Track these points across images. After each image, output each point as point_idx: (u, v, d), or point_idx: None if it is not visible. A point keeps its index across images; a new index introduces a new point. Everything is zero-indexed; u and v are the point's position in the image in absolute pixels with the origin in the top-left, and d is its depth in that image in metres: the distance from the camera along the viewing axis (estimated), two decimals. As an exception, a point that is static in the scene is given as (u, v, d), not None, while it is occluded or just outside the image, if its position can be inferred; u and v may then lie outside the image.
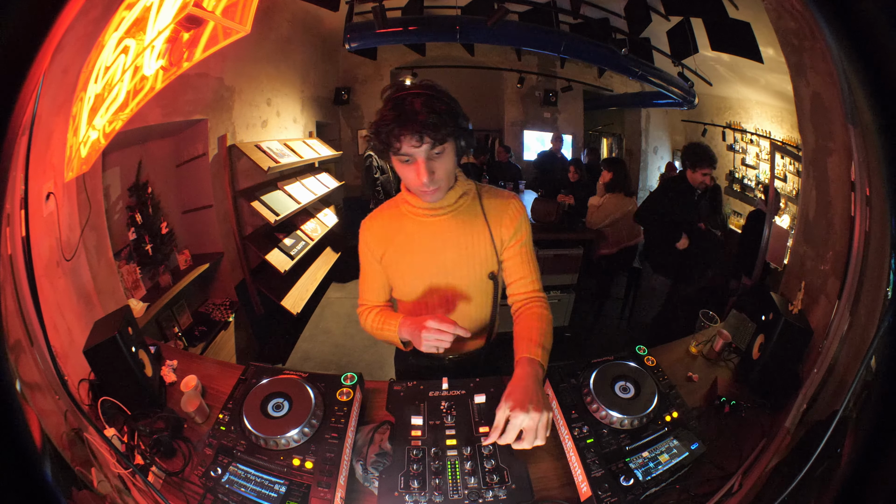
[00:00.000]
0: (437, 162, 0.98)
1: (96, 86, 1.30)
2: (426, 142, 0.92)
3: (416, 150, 0.94)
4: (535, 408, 0.81)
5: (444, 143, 0.96)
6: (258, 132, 2.81)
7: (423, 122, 0.90)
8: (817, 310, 1.24)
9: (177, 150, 2.31)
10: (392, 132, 0.92)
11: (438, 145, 0.94)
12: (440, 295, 1.16)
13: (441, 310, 1.18)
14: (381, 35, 3.02)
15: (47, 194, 1.18)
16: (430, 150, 0.95)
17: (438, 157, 0.97)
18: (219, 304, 2.49)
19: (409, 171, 0.99)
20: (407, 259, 1.14)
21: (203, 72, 2.20)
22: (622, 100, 4.13)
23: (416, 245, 1.13)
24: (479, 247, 1.12)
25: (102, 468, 0.84)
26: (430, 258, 1.13)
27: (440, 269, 1.13)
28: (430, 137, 0.92)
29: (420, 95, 0.93)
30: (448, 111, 0.94)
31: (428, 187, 1.00)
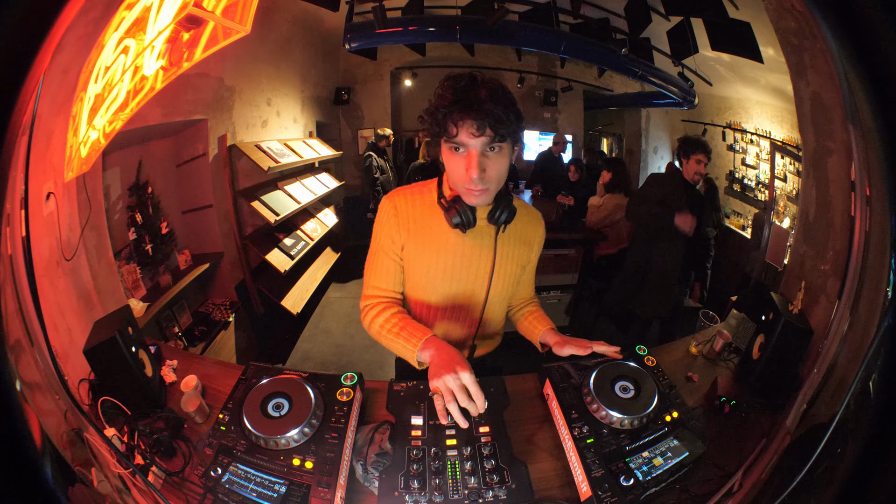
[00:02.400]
0: (491, 159, 0.90)
1: (96, 86, 1.30)
2: (487, 133, 0.85)
3: (473, 140, 0.86)
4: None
5: (503, 142, 0.88)
6: (258, 132, 2.81)
7: (488, 110, 0.84)
8: (817, 310, 1.24)
9: (177, 150, 2.31)
10: (451, 114, 0.85)
11: (498, 141, 0.87)
12: (459, 303, 1.13)
13: (455, 317, 1.15)
14: (381, 35, 3.01)
15: (47, 194, 1.18)
16: (488, 144, 0.87)
17: (494, 155, 0.90)
18: (219, 304, 2.49)
19: (459, 164, 0.91)
20: (433, 260, 1.06)
21: (203, 72, 2.20)
22: (622, 100, 4.13)
23: (446, 247, 1.05)
24: (511, 265, 1.12)
25: (102, 468, 0.84)
26: (458, 266, 1.07)
27: (466, 279, 1.09)
28: (491, 129, 0.85)
29: (488, 85, 0.87)
30: (514, 108, 0.87)
31: (476, 185, 0.91)
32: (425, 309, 1.16)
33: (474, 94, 0.85)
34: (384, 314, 1.06)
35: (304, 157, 3.08)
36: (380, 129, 4.05)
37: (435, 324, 1.18)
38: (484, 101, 0.84)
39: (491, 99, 0.84)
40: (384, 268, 1.09)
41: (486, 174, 0.91)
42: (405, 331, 1.01)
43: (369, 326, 1.09)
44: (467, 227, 0.99)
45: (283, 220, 2.60)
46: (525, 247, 1.13)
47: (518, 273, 1.15)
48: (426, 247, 1.06)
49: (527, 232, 1.12)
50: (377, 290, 1.11)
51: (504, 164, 0.93)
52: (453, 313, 1.15)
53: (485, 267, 1.08)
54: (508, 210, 1.00)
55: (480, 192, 0.93)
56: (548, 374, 1.12)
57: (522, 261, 1.14)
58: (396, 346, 1.02)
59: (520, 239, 1.11)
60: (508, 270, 1.12)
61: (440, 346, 0.94)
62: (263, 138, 2.83)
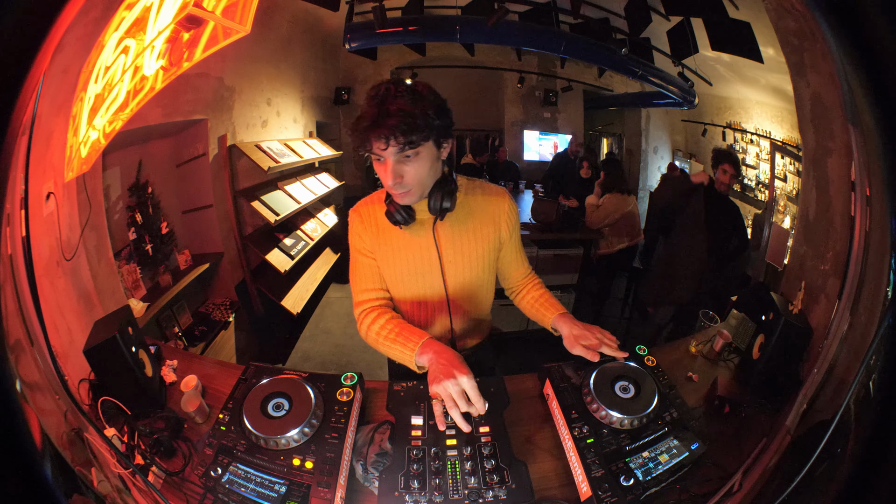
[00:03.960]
0: (407, 165, 0.95)
1: (96, 86, 1.30)
2: (392, 145, 0.90)
3: (384, 151, 0.92)
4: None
5: (417, 148, 0.93)
6: (258, 132, 2.81)
7: (391, 125, 0.88)
8: (817, 310, 1.24)
9: (177, 150, 2.30)
10: (362, 133, 0.91)
11: (409, 149, 0.92)
12: (427, 297, 1.15)
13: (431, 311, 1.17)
14: (381, 35, 3.02)
15: (47, 194, 1.18)
16: (400, 154, 0.93)
17: (409, 161, 0.95)
18: (219, 304, 2.49)
19: (380, 171, 0.97)
20: (402, 258, 1.11)
21: (203, 72, 2.20)
22: (622, 100, 4.13)
23: (402, 245, 1.11)
24: (470, 248, 1.12)
25: (102, 468, 0.84)
26: (414, 261, 1.11)
27: (424, 272, 1.12)
28: (395, 141, 0.90)
29: (397, 95, 0.90)
30: (422, 114, 0.90)
31: (395, 190, 0.98)
32: (407, 309, 1.20)
33: (381, 106, 0.89)
34: (379, 321, 1.09)
35: (304, 157, 3.08)
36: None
37: (417, 322, 1.21)
38: (389, 115, 0.88)
39: (398, 110, 0.88)
40: (366, 269, 1.14)
41: (405, 179, 0.96)
42: (402, 336, 1.03)
43: (366, 335, 1.11)
44: (405, 223, 1.04)
45: (283, 220, 2.60)
46: (490, 226, 1.12)
47: (489, 254, 1.15)
48: (388, 248, 1.11)
49: (488, 210, 1.12)
50: (366, 292, 1.15)
51: (424, 165, 0.97)
52: (427, 308, 1.18)
53: (433, 255, 1.11)
54: (444, 198, 1.03)
55: (403, 195, 1.00)
56: (548, 374, 1.12)
57: (492, 242, 1.14)
58: (394, 353, 1.04)
59: (481, 221, 1.11)
60: (467, 253, 1.12)
61: (438, 349, 0.96)
62: (263, 138, 2.83)
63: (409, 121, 0.88)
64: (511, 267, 1.23)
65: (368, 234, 1.12)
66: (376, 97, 0.92)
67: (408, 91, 0.92)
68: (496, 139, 4.33)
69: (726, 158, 2.45)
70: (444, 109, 0.96)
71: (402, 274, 1.13)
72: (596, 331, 1.08)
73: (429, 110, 0.91)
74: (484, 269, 1.16)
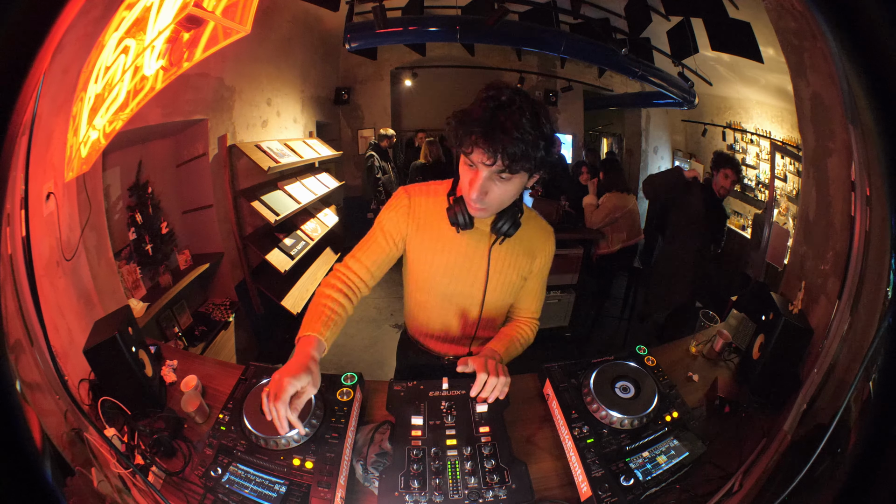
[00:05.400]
0: (497, 185, 0.90)
1: (96, 86, 1.30)
2: (497, 165, 0.84)
3: (484, 165, 0.86)
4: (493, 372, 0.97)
5: (514, 175, 0.87)
6: (258, 132, 2.81)
7: (504, 144, 0.81)
8: (817, 310, 1.24)
9: (177, 150, 2.31)
10: (470, 134, 0.84)
11: (509, 173, 0.86)
12: (457, 301, 1.15)
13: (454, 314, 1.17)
14: (381, 35, 3.02)
15: (47, 194, 1.18)
16: (498, 172, 0.87)
17: (501, 182, 0.89)
18: (219, 304, 2.49)
19: (466, 176, 0.92)
20: (442, 260, 1.09)
21: (203, 72, 2.20)
22: (622, 100, 4.14)
23: (448, 246, 1.08)
24: (510, 274, 1.11)
25: (102, 468, 0.84)
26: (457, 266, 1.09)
27: (464, 279, 1.10)
28: (502, 163, 0.84)
29: (519, 114, 0.83)
30: (535, 144, 0.84)
31: (475, 203, 0.94)
32: (427, 304, 1.19)
33: (500, 121, 0.82)
34: (326, 289, 1.04)
35: (304, 157, 3.08)
36: (382, 129, 4.06)
37: (435, 319, 1.20)
38: (506, 133, 0.81)
39: (515, 130, 0.81)
40: (374, 246, 1.09)
41: (488, 197, 0.91)
42: (309, 315, 0.99)
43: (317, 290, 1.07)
44: (463, 228, 1.02)
45: (283, 220, 2.60)
46: (527, 257, 1.11)
47: (518, 282, 1.14)
48: (431, 243, 1.08)
49: (533, 243, 1.11)
50: (354, 265, 1.08)
51: (510, 190, 0.92)
52: (452, 311, 1.17)
53: (481, 270, 1.09)
54: (510, 223, 1.01)
55: (478, 210, 0.96)
56: (548, 374, 1.12)
57: (523, 271, 1.13)
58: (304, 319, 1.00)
59: (524, 249, 1.11)
60: (507, 278, 1.11)
61: (299, 352, 0.90)
62: (263, 138, 2.83)
63: (523, 148, 0.82)
64: (524, 300, 1.20)
65: (410, 221, 1.07)
66: (494, 102, 0.85)
67: (531, 111, 0.84)
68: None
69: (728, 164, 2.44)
70: (552, 141, 0.89)
71: (438, 273, 1.10)
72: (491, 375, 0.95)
73: (541, 140, 0.85)
74: (510, 294, 1.16)
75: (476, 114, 0.84)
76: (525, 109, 0.84)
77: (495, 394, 0.96)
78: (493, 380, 0.95)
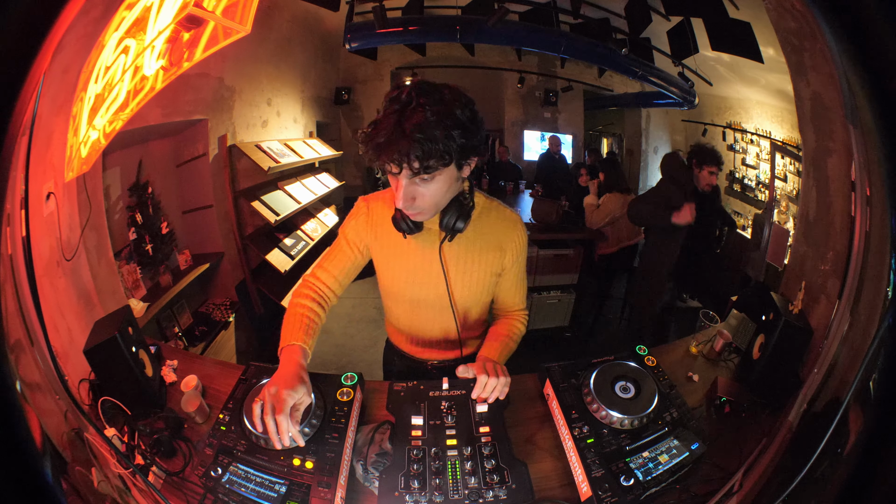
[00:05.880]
0: (421, 187, 0.87)
1: (96, 86, 1.30)
2: (405, 168, 0.82)
3: (397, 174, 0.84)
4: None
5: (433, 173, 0.84)
6: (258, 132, 2.81)
7: (405, 148, 0.78)
8: (817, 310, 1.24)
9: (177, 150, 2.31)
10: (374, 150, 0.81)
11: (424, 174, 0.83)
12: (429, 306, 1.13)
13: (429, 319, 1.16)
14: (381, 35, 3.02)
15: (47, 194, 1.18)
16: (415, 177, 0.84)
17: (425, 184, 0.86)
18: (219, 304, 2.49)
19: (392, 185, 0.90)
20: (402, 265, 1.08)
21: (203, 72, 2.20)
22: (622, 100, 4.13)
23: (405, 252, 1.07)
24: (476, 272, 1.08)
25: (102, 468, 0.84)
26: (416, 270, 1.08)
27: (426, 283, 1.08)
28: (409, 167, 0.81)
29: (417, 108, 0.79)
30: (447, 136, 0.80)
31: (406, 210, 0.92)
32: (400, 311, 1.19)
33: (402, 126, 0.78)
34: (300, 300, 1.06)
35: (305, 157, 3.08)
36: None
37: (411, 325, 1.20)
38: (406, 137, 0.77)
39: (417, 131, 0.77)
40: (340, 255, 1.10)
41: (417, 202, 0.89)
42: (288, 325, 1.01)
43: (289, 303, 1.09)
44: (409, 233, 0.99)
45: (283, 220, 2.60)
46: (495, 251, 1.07)
47: (489, 278, 1.10)
48: (390, 250, 1.08)
49: (498, 236, 1.06)
50: (322, 274, 1.10)
51: (439, 188, 0.88)
52: (424, 315, 1.16)
53: (438, 271, 1.06)
54: (455, 218, 0.96)
55: (415, 216, 0.94)
56: (548, 374, 1.12)
57: (494, 267, 1.09)
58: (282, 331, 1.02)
59: (488, 243, 1.06)
60: (473, 276, 1.08)
61: (288, 361, 0.92)
62: (263, 138, 2.83)
63: (426, 146, 0.78)
64: (506, 295, 1.18)
65: (369, 230, 1.07)
66: (396, 105, 0.81)
67: (432, 103, 0.80)
68: (496, 139, 4.34)
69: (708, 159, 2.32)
70: (473, 125, 0.85)
71: (399, 279, 1.10)
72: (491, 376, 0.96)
73: (454, 130, 0.81)
74: (483, 292, 1.13)
75: (381, 124, 0.81)
76: (426, 105, 0.79)
77: (495, 394, 0.96)
78: (492, 380, 0.95)
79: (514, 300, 1.19)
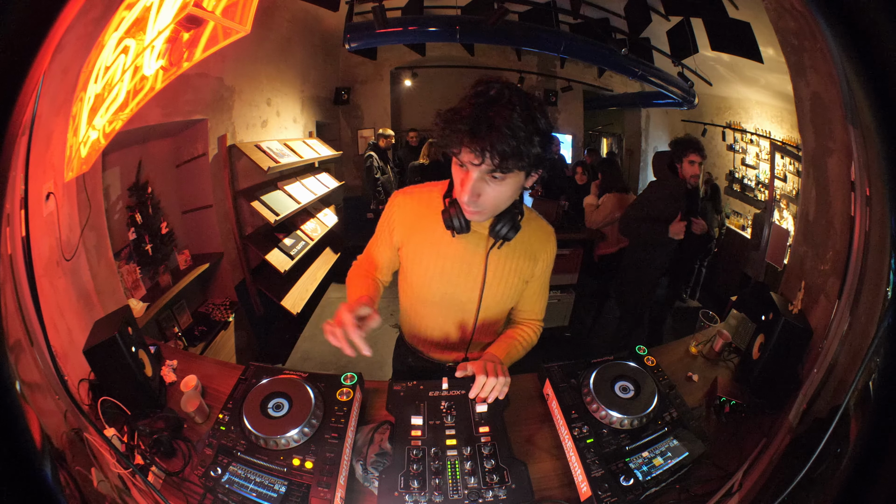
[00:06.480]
0: (490, 185, 0.85)
1: (96, 86, 1.30)
2: (486, 164, 0.80)
3: (473, 165, 0.82)
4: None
5: (507, 174, 0.83)
6: (258, 132, 2.82)
7: (493, 142, 0.77)
8: (817, 310, 1.24)
9: (177, 150, 2.31)
10: (457, 133, 0.80)
11: (500, 172, 0.82)
12: (454, 306, 1.12)
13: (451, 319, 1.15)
14: (381, 35, 3.02)
15: (47, 194, 1.18)
16: (489, 172, 0.83)
17: (494, 183, 0.85)
18: (219, 304, 2.49)
19: (458, 178, 0.88)
20: (438, 263, 1.06)
21: (203, 72, 2.20)
22: (622, 100, 4.14)
23: (444, 250, 1.05)
24: (511, 278, 1.08)
25: (102, 468, 0.84)
26: (453, 270, 1.06)
27: (460, 283, 1.08)
28: (491, 162, 0.79)
29: (510, 108, 0.78)
30: (528, 140, 0.79)
31: (467, 206, 0.89)
32: (422, 309, 1.17)
33: (489, 117, 0.77)
34: (358, 272, 1.16)
35: (304, 157, 3.08)
36: (381, 129, 4.06)
37: (431, 324, 1.19)
38: (494, 129, 0.76)
39: (505, 126, 0.76)
40: (380, 251, 1.15)
41: (481, 199, 0.87)
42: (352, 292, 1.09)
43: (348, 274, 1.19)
44: (459, 232, 0.98)
45: (282, 220, 2.60)
46: (529, 260, 1.08)
47: (519, 285, 1.11)
48: (425, 247, 1.06)
49: (534, 245, 1.08)
50: (367, 262, 1.18)
51: (505, 191, 0.87)
52: (449, 316, 1.15)
53: (478, 274, 1.06)
54: (509, 227, 0.97)
55: (472, 213, 0.92)
56: (548, 373, 1.12)
57: (525, 274, 1.09)
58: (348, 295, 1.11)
59: (524, 251, 1.07)
60: (507, 281, 1.08)
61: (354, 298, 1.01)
62: (263, 138, 2.83)
63: (512, 144, 0.77)
64: (526, 303, 1.18)
65: (404, 224, 1.06)
66: (483, 97, 0.80)
67: (522, 105, 0.80)
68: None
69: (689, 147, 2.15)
70: (549, 137, 0.85)
71: (432, 279, 1.08)
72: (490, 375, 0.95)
73: (535, 136, 0.80)
74: (511, 297, 1.13)
75: (464, 111, 0.80)
76: (516, 104, 0.79)
77: (494, 394, 0.96)
78: (491, 380, 0.94)
79: (535, 308, 1.19)
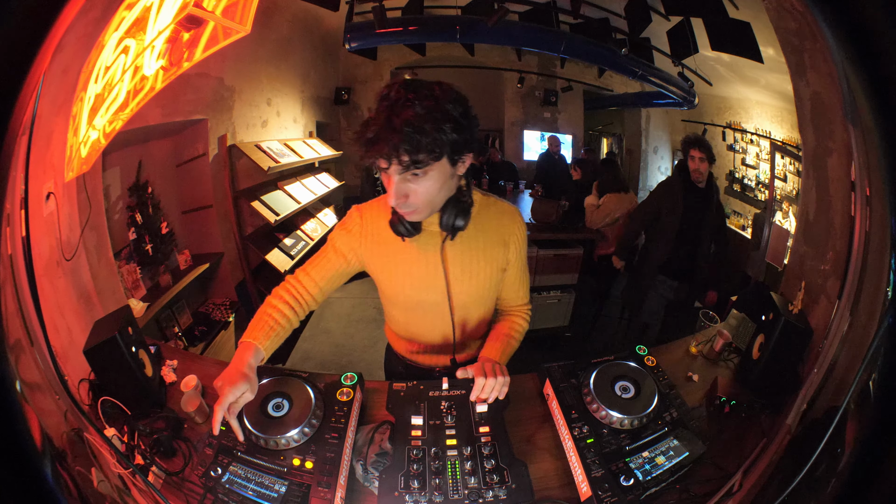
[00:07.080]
0: (414, 184, 0.86)
1: (96, 86, 1.30)
2: (395, 164, 0.81)
3: (387, 169, 0.84)
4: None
5: (425, 167, 0.83)
6: (258, 132, 2.81)
7: (395, 142, 0.78)
8: (817, 310, 1.24)
9: (177, 150, 2.31)
10: (365, 142, 0.82)
11: (415, 168, 0.82)
12: (429, 310, 1.11)
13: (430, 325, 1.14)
14: (381, 35, 3.02)
15: (47, 194, 1.18)
16: (406, 171, 0.83)
17: (416, 179, 0.85)
18: (219, 303, 2.49)
19: (385, 183, 0.88)
20: (404, 272, 1.06)
21: (203, 72, 2.20)
22: (622, 100, 4.13)
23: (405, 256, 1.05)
24: (483, 269, 1.07)
25: (102, 468, 0.84)
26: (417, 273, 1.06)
27: (428, 285, 1.06)
28: (399, 161, 0.80)
29: (407, 104, 0.79)
30: (437, 129, 0.80)
31: (399, 209, 0.91)
32: (402, 316, 1.17)
33: (389, 121, 0.79)
34: (274, 300, 1.06)
35: (304, 157, 3.08)
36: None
37: (414, 331, 1.18)
38: (395, 131, 0.78)
39: (405, 125, 0.78)
40: (325, 262, 1.09)
41: (410, 199, 0.88)
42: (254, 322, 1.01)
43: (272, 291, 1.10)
44: (408, 235, 0.98)
45: (283, 220, 2.60)
46: (500, 246, 1.07)
47: (495, 275, 1.09)
48: (388, 257, 1.06)
49: (500, 231, 1.06)
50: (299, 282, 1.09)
51: (433, 185, 0.87)
52: (426, 319, 1.14)
53: (440, 273, 1.05)
54: (454, 216, 0.96)
55: (409, 214, 0.92)
56: (548, 373, 1.12)
57: (499, 262, 1.08)
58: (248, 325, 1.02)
59: (492, 239, 1.06)
60: (478, 274, 1.07)
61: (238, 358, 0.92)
62: (263, 138, 2.83)
63: (415, 139, 0.78)
64: (509, 291, 1.17)
65: (362, 241, 1.06)
66: (386, 103, 0.82)
67: (421, 98, 0.81)
68: (495, 139, 4.34)
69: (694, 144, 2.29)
70: (465, 120, 0.85)
71: (403, 287, 1.08)
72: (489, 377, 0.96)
73: (444, 124, 0.81)
74: (489, 289, 1.12)
75: (371, 121, 0.82)
76: (415, 100, 0.80)
77: (494, 394, 0.96)
78: (490, 381, 0.95)
79: (518, 294, 1.18)
